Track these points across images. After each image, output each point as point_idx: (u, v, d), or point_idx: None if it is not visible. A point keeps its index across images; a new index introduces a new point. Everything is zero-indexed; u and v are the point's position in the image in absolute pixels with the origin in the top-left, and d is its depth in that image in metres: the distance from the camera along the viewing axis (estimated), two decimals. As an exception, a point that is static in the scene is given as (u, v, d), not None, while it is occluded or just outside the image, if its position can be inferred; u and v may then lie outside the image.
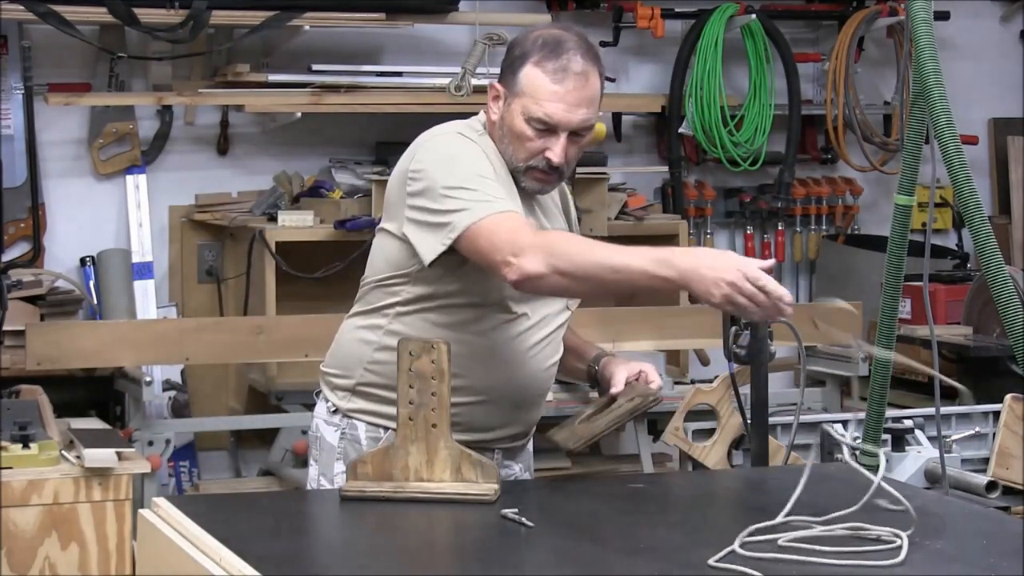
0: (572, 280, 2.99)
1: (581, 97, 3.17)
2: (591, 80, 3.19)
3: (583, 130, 3.20)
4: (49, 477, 4.14)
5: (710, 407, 3.65)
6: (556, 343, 3.31)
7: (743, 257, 2.88)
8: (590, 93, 3.18)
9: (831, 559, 2.53)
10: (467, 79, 5.84)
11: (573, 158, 3.22)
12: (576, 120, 3.17)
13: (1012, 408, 3.66)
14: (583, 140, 3.21)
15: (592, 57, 3.20)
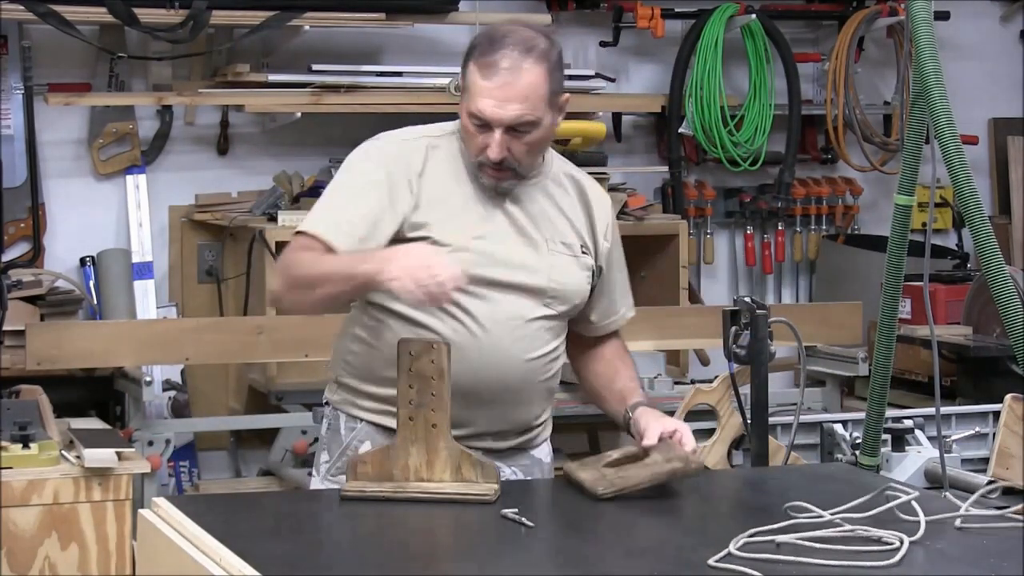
0: (301, 293, 3.15)
1: (510, 93, 3.16)
2: (524, 76, 3.16)
3: (522, 126, 3.18)
4: (49, 477, 4.14)
5: (710, 407, 3.65)
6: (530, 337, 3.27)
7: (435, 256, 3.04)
8: (521, 89, 3.16)
9: (831, 559, 2.53)
10: (467, 79, 5.83)
11: (523, 155, 3.21)
12: (507, 116, 3.16)
13: (1012, 408, 3.66)
14: (528, 136, 3.19)
15: (532, 52, 3.18)
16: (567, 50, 6.48)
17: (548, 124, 3.22)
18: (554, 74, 3.20)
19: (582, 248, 3.34)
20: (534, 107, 3.17)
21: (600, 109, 6.28)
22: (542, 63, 3.18)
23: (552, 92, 3.19)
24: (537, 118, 3.18)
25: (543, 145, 3.27)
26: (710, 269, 6.73)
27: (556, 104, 3.23)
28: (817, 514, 2.77)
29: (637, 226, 6.03)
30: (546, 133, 3.23)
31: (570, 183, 3.38)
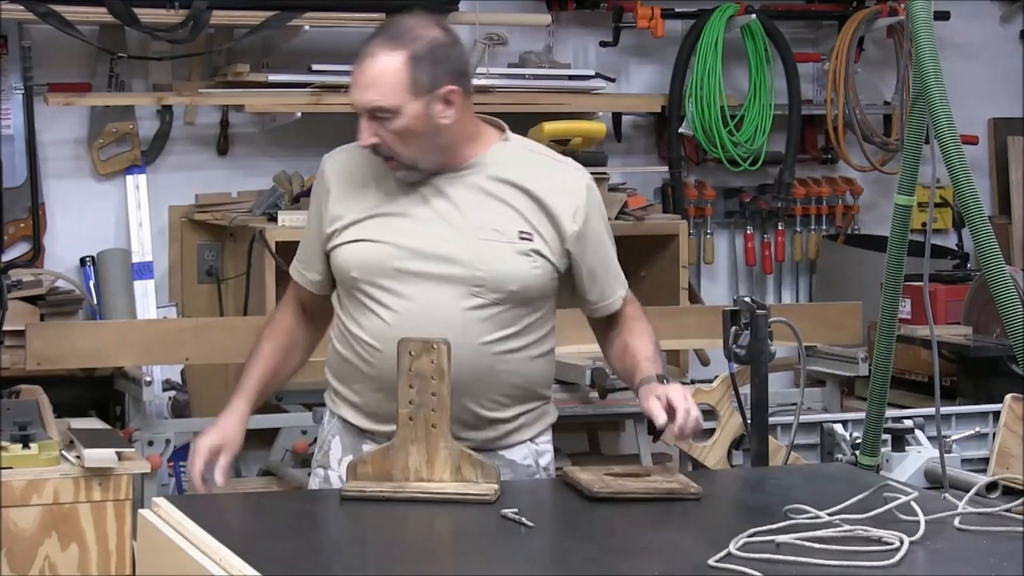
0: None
1: (365, 78, 3.22)
2: (380, 62, 3.21)
3: (380, 112, 3.22)
4: (49, 477, 4.14)
5: (710, 407, 3.65)
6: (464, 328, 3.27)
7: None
8: (374, 74, 3.21)
9: (831, 559, 2.53)
10: (467, 79, 5.83)
11: (396, 144, 3.25)
12: (362, 101, 3.23)
13: (1012, 408, 3.66)
14: (392, 125, 3.22)
15: (397, 41, 3.22)
16: (567, 50, 6.48)
17: (415, 114, 3.22)
18: (421, 64, 3.21)
19: (522, 234, 3.32)
20: (387, 94, 3.20)
21: (600, 109, 6.27)
22: (403, 51, 3.20)
23: (415, 81, 3.20)
24: (394, 106, 3.21)
25: (421, 136, 3.25)
26: (710, 269, 6.73)
27: (431, 95, 3.22)
28: (817, 514, 2.77)
29: (637, 226, 6.03)
30: (416, 123, 3.23)
31: (520, 173, 3.36)
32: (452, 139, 3.31)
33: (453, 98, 3.25)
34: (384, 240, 3.32)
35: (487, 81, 5.98)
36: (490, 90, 6.03)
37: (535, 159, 3.44)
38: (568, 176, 3.40)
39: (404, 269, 3.29)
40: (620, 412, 5.28)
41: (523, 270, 3.32)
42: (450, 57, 3.27)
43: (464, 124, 3.32)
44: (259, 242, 5.54)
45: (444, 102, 3.25)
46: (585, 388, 5.08)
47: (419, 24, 3.27)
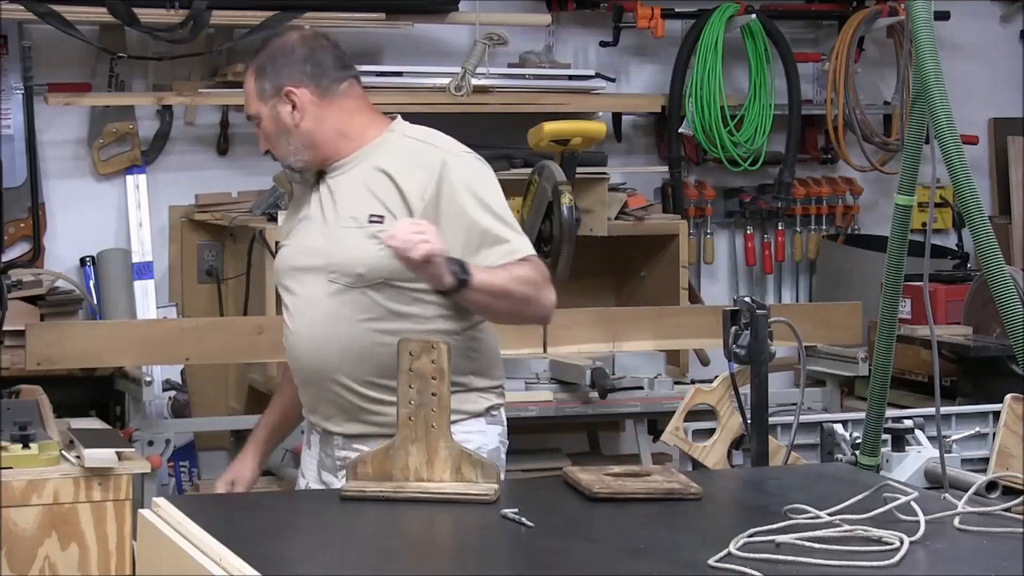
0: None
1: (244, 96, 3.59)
2: (246, 79, 3.58)
3: (253, 121, 3.58)
4: (49, 477, 4.13)
5: (710, 407, 3.64)
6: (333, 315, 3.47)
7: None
8: (244, 90, 3.58)
9: (831, 559, 2.53)
10: (467, 79, 5.84)
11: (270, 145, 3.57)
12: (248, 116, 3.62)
13: (1012, 408, 3.66)
14: (262, 131, 3.56)
15: (254, 57, 3.57)
16: (567, 50, 6.49)
17: (268, 116, 3.53)
18: (263, 72, 3.52)
19: (372, 217, 3.44)
20: (248, 105, 3.56)
21: (600, 109, 6.27)
22: (252, 65, 3.56)
23: (261, 89, 3.52)
24: (254, 113, 3.55)
25: (279, 136, 3.53)
26: (710, 269, 6.73)
27: (276, 97, 3.50)
28: (817, 514, 2.77)
29: (637, 226, 6.03)
30: (271, 125, 3.53)
31: (387, 159, 3.50)
32: (316, 137, 3.52)
33: (294, 98, 3.49)
34: (288, 243, 3.61)
35: (487, 81, 5.98)
36: (490, 90, 6.03)
37: (406, 144, 3.56)
38: (426, 155, 3.49)
39: (295, 267, 3.55)
40: (620, 412, 5.29)
41: (369, 253, 3.42)
42: (292, 61, 3.51)
43: (330, 121, 3.52)
44: (259, 242, 5.54)
45: (288, 102, 3.50)
46: (585, 388, 5.08)
47: (279, 36, 3.60)
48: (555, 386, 5.17)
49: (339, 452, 3.52)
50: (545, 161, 5.33)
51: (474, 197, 3.46)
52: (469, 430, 3.50)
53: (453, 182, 3.44)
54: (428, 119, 6.38)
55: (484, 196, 3.47)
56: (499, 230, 3.45)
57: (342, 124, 3.52)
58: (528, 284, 3.46)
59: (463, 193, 3.45)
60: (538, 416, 5.11)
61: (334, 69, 3.54)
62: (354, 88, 3.58)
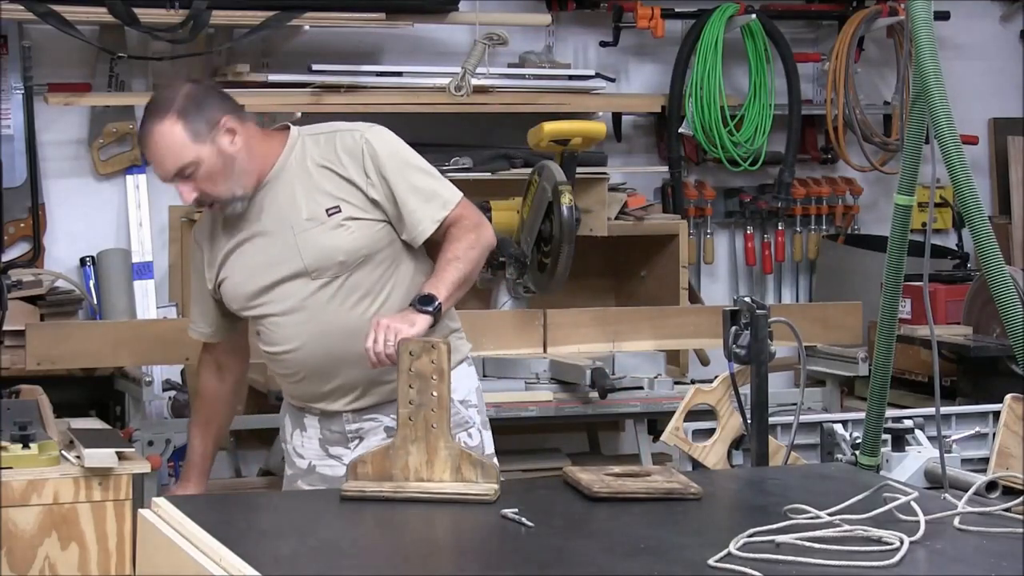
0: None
1: (158, 152, 3.64)
2: (158, 133, 3.61)
3: (186, 171, 3.62)
4: (49, 477, 4.13)
5: (710, 407, 3.64)
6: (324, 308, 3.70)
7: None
8: (162, 145, 3.62)
9: (831, 559, 2.53)
10: (467, 79, 5.84)
11: (212, 188, 3.65)
12: (167, 171, 3.65)
13: (1012, 408, 3.66)
14: (199, 174, 3.62)
15: (159, 112, 3.62)
16: (567, 50, 6.49)
17: (210, 155, 3.63)
18: (189, 115, 3.61)
19: (329, 211, 3.67)
20: (180, 154, 3.61)
21: (600, 109, 6.27)
22: (170, 114, 3.61)
23: (194, 132, 3.61)
24: (191, 160, 3.62)
25: (224, 170, 3.65)
26: (710, 269, 6.73)
27: (213, 132, 3.63)
28: (817, 514, 2.77)
29: (637, 226, 6.03)
30: (215, 163, 3.63)
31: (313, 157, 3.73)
32: (249, 161, 3.68)
33: (229, 124, 3.65)
34: (237, 270, 3.75)
35: (487, 81, 5.98)
36: (490, 90, 6.03)
37: (318, 140, 3.78)
38: (346, 141, 3.74)
39: (264, 285, 3.71)
40: (620, 412, 5.29)
41: (342, 241, 3.66)
42: (208, 97, 3.68)
43: (253, 144, 3.70)
44: (259, 242, 5.53)
45: (227, 132, 3.65)
46: (585, 388, 5.08)
47: (170, 89, 3.71)
48: (555, 386, 5.17)
49: (350, 425, 3.79)
50: (545, 161, 5.34)
51: (403, 161, 3.73)
52: (461, 376, 3.77)
53: (381, 155, 3.70)
54: (428, 119, 6.42)
55: (408, 158, 3.75)
56: (431, 184, 3.73)
57: (259, 142, 3.73)
58: (470, 243, 3.69)
59: (393, 160, 3.71)
60: (538, 416, 5.11)
61: (231, 100, 3.76)
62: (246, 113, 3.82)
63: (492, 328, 5.28)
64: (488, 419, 3.95)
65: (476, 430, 3.84)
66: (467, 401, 3.84)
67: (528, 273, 5.40)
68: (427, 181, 3.73)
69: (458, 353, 3.76)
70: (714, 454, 3.62)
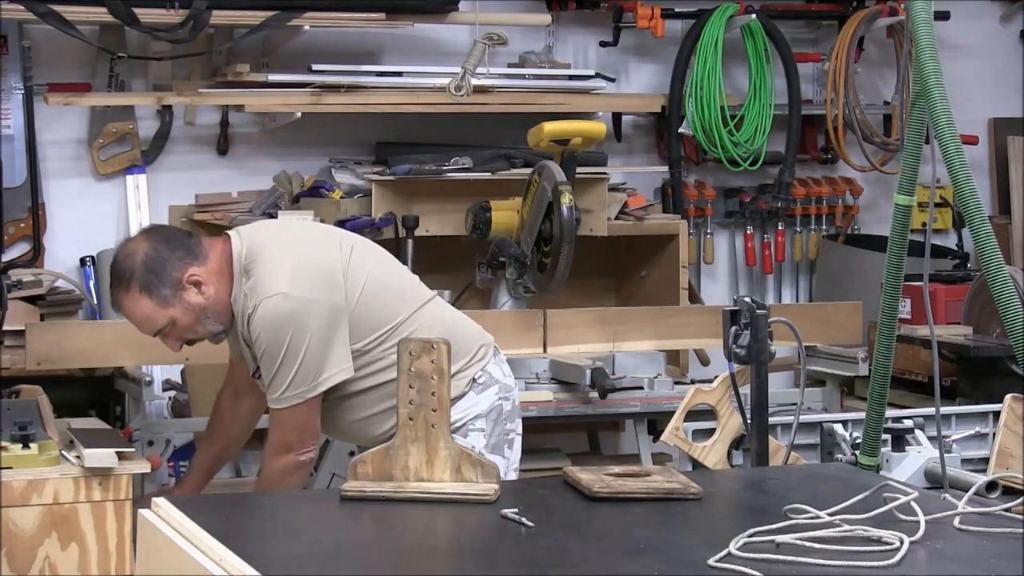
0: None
1: (133, 321, 3.78)
2: (128, 307, 3.74)
3: (163, 333, 3.78)
4: (49, 477, 4.13)
5: (710, 407, 3.64)
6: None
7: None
8: (134, 318, 3.76)
9: (831, 559, 2.53)
10: (467, 79, 5.84)
11: (191, 336, 3.80)
12: (147, 333, 3.81)
13: (1012, 408, 3.66)
14: (177, 332, 3.77)
15: (122, 283, 3.72)
16: (567, 50, 6.49)
17: (182, 314, 3.74)
18: (150, 284, 3.70)
19: (254, 373, 3.86)
20: (152, 323, 3.76)
21: (600, 109, 6.27)
22: (132, 288, 3.71)
23: (161, 298, 3.71)
24: (163, 324, 3.76)
25: (199, 320, 3.77)
26: (710, 269, 6.73)
27: (177, 295, 3.72)
28: (817, 514, 2.77)
29: (637, 226, 6.03)
30: (188, 317, 3.75)
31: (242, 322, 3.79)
32: (218, 300, 3.75)
33: (194, 278, 3.73)
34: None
35: (487, 81, 5.98)
36: (490, 90, 6.03)
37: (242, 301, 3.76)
38: (246, 309, 3.75)
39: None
40: (620, 412, 5.29)
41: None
42: (163, 258, 3.72)
43: (217, 280, 3.75)
44: (259, 242, 5.53)
45: (191, 285, 3.73)
46: (585, 388, 5.08)
47: (127, 256, 3.75)
48: (555, 386, 5.17)
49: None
50: (545, 161, 5.34)
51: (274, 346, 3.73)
52: (462, 408, 3.82)
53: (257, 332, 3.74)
54: (428, 119, 6.42)
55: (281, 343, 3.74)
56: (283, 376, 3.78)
57: (218, 274, 3.77)
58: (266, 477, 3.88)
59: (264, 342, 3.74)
60: (538, 416, 5.11)
61: (185, 239, 3.81)
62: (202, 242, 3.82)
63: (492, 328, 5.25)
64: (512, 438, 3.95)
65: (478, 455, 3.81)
66: (467, 427, 3.87)
67: (528, 273, 5.40)
68: (277, 371, 3.77)
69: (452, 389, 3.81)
70: (714, 454, 3.62)
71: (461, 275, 5.72)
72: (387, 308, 3.82)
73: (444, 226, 5.72)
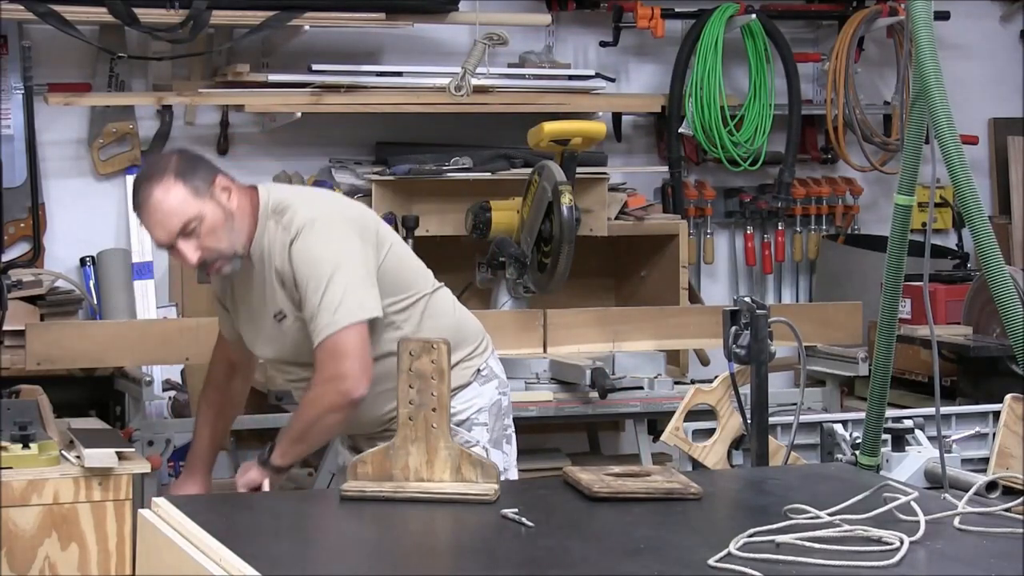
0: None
1: (159, 213, 3.66)
2: (159, 195, 3.65)
3: (189, 227, 3.66)
4: (49, 477, 4.13)
5: (710, 407, 3.64)
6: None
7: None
8: (164, 206, 3.66)
9: (831, 559, 2.53)
10: (467, 79, 5.84)
11: (212, 243, 3.68)
12: (170, 229, 3.67)
13: (1012, 408, 3.66)
14: (203, 229, 3.67)
15: (156, 175, 3.67)
16: (567, 50, 6.49)
17: (213, 208, 3.68)
18: (186, 175, 3.67)
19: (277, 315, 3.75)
20: (184, 211, 3.66)
21: (600, 109, 6.27)
22: (167, 176, 3.66)
23: (194, 188, 3.66)
24: (195, 215, 3.66)
25: (227, 225, 3.70)
26: (710, 269, 6.73)
27: (210, 191, 3.68)
28: (817, 514, 2.77)
29: (637, 226, 6.03)
30: (217, 217, 3.68)
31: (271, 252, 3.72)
32: (241, 221, 3.72)
33: (225, 184, 3.72)
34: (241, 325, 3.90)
35: (487, 81, 5.98)
36: (490, 90, 6.03)
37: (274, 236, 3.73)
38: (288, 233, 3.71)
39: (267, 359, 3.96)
40: (620, 412, 5.29)
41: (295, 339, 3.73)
42: (199, 158, 3.78)
43: (242, 204, 3.73)
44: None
45: (223, 190, 3.70)
46: (585, 388, 5.08)
47: (158, 156, 3.87)
48: (555, 386, 5.17)
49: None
50: (545, 161, 5.34)
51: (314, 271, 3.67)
52: (466, 398, 3.82)
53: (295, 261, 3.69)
54: (428, 119, 6.41)
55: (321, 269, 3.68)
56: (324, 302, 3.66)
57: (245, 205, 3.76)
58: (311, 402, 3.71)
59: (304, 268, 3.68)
60: (538, 416, 5.11)
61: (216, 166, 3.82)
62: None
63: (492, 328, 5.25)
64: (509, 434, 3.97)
65: (480, 449, 3.81)
66: (473, 420, 3.88)
67: (528, 273, 5.40)
68: (318, 298, 3.66)
69: (458, 379, 3.79)
70: (714, 454, 3.62)
71: (461, 275, 5.71)
72: (407, 278, 3.83)
73: (444, 226, 5.72)
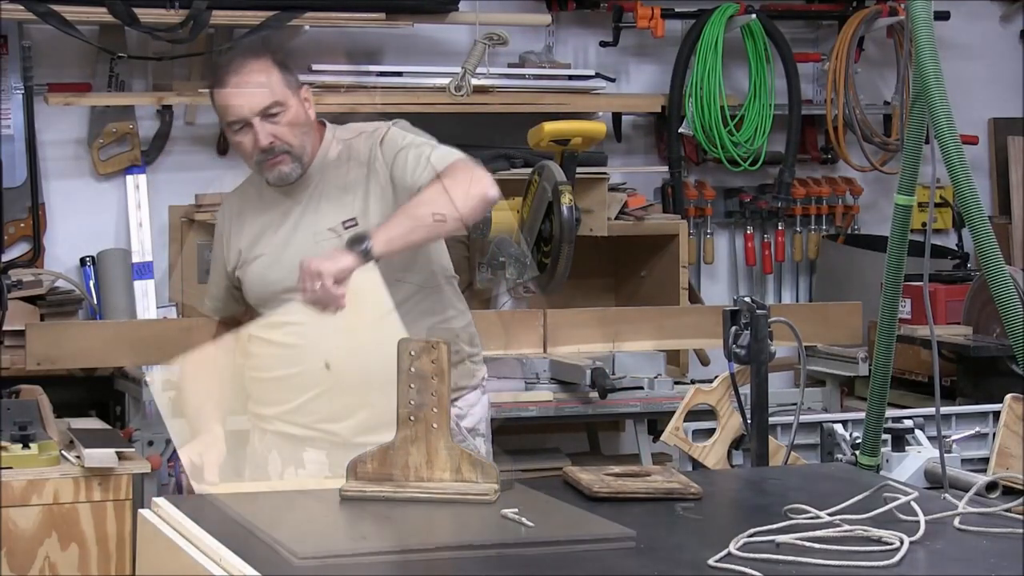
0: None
1: (248, 85, 3.53)
2: (255, 68, 3.54)
3: (273, 109, 3.53)
4: (49, 477, 4.14)
5: (710, 407, 3.64)
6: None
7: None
8: (256, 79, 3.53)
9: (831, 559, 2.53)
10: (467, 79, 5.84)
11: (287, 135, 3.56)
12: (254, 105, 3.51)
13: (1012, 408, 3.66)
14: (285, 119, 3.54)
15: (255, 52, 3.62)
16: (567, 50, 6.49)
17: (297, 104, 3.57)
18: (284, 66, 3.59)
19: (346, 224, 3.54)
20: (275, 91, 3.54)
21: (600, 109, 6.27)
22: (267, 57, 3.59)
23: (288, 80, 3.57)
24: (282, 98, 3.54)
25: (303, 126, 3.59)
26: (710, 269, 6.73)
27: (298, 90, 3.60)
28: (817, 514, 2.77)
29: (637, 226, 6.03)
30: (299, 113, 3.57)
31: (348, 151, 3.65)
32: (313, 133, 3.63)
33: (308, 95, 3.64)
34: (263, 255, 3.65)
35: (487, 81, 5.98)
36: (490, 90, 6.03)
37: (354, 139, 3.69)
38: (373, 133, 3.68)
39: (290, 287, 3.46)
40: (620, 412, 5.29)
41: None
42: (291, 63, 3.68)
43: (315, 120, 3.67)
44: (259, 242, 5.53)
45: (306, 100, 3.62)
46: (585, 388, 5.08)
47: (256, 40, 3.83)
48: (555, 386, 5.18)
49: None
50: (545, 161, 5.34)
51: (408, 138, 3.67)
52: (472, 403, 3.72)
53: (391, 138, 3.66)
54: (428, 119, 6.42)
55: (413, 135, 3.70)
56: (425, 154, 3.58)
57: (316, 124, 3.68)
58: (427, 200, 3.44)
59: (399, 139, 3.66)
60: (538, 416, 5.11)
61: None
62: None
63: (492, 328, 5.27)
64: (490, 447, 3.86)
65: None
66: (476, 430, 3.77)
67: (528, 273, 5.40)
68: (416, 153, 3.59)
69: (471, 378, 3.73)
70: (714, 454, 3.62)
71: (461, 275, 5.71)
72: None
73: (444, 226, 5.71)
